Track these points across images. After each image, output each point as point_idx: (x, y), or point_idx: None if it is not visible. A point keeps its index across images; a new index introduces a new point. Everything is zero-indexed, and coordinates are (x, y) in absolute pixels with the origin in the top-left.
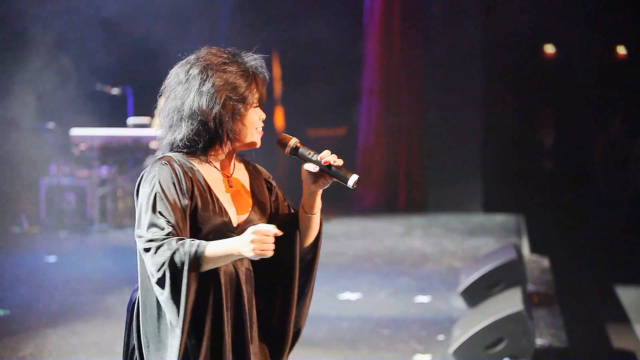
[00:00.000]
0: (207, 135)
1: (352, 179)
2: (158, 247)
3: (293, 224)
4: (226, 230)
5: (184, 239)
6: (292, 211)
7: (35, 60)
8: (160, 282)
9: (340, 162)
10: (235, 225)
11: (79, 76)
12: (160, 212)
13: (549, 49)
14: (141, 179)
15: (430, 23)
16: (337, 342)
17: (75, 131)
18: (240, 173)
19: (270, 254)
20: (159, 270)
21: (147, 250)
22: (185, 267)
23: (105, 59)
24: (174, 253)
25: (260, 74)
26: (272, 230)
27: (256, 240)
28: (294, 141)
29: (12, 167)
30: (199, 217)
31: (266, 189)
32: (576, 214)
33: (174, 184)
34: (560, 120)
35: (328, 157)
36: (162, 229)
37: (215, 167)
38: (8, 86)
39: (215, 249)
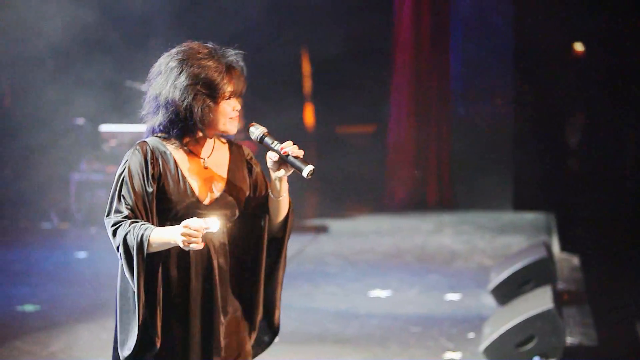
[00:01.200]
0: (180, 124)
1: (307, 169)
2: (116, 230)
3: (265, 205)
4: (196, 209)
5: (137, 221)
6: (268, 192)
7: (65, 57)
8: (121, 260)
9: (300, 153)
10: (206, 204)
11: (109, 72)
12: (123, 196)
13: (579, 46)
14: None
15: (459, 19)
16: (366, 339)
17: (105, 127)
18: (220, 154)
19: (197, 247)
20: (117, 250)
21: (110, 232)
22: (135, 249)
23: (135, 55)
24: (126, 234)
25: (237, 69)
26: (202, 225)
27: (184, 234)
28: (260, 130)
29: (42, 163)
30: (168, 197)
31: (246, 169)
32: (606, 212)
33: (141, 169)
34: (591, 118)
35: (288, 147)
36: (122, 213)
37: (190, 150)
38: (38, 83)
39: (156, 235)
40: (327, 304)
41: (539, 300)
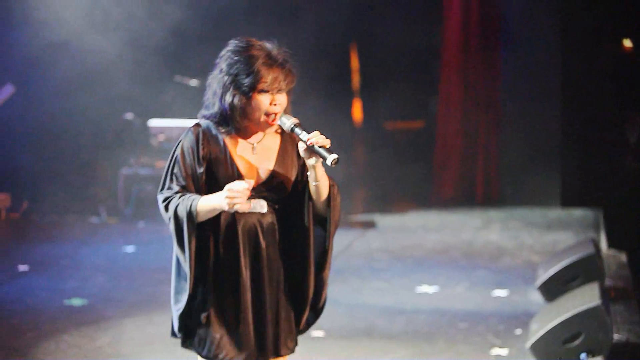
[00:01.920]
0: (225, 112)
1: (330, 158)
2: (168, 204)
3: (308, 189)
4: None
5: (185, 194)
6: None
7: (114, 53)
8: (171, 232)
9: (325, 142)
10: (254, 186)
11: (158, 68)
12: (175, 174)
13: (628, 43)
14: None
15: (508, 13)
16: (413, 335)
17: (154, 122)
18: (271, 140)
19: (241, 207)
20: (168, 222)
21: (162, 207)
22: (185, 219)
23: (185, 51)
24: (177, 207)
25: (279, 62)
26: (244, 186)
27: (228, 196)
28: (291, 122)
29: (91, 158)
30: (217, 179)
31: (295, 153)
32: None
33: (192, 149)
34: None
35: (314, 138)
36: (173, 189)
37: (241, 135)
38: (89, 78)
39: (203, 203)
40: (374, 300)
41: (586, 297)
